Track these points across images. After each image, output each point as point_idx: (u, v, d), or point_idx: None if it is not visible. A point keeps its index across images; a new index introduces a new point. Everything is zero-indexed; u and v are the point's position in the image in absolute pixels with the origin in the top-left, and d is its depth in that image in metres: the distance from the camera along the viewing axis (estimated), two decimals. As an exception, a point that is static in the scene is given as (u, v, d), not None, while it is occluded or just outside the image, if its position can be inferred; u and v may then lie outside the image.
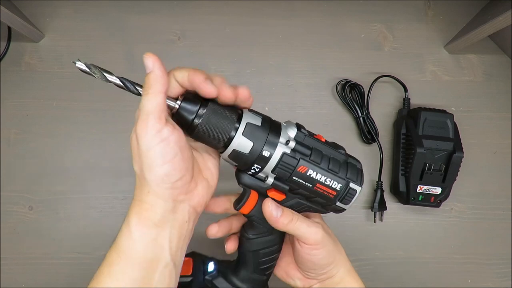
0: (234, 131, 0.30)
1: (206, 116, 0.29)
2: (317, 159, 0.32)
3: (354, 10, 0.66)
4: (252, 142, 0.30)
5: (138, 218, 0.29)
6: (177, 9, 0.64)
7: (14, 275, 0.55)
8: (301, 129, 0.33)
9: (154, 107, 0.29)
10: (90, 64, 0.29)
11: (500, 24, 0.54)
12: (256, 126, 0.31)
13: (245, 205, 0.35)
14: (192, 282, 0.38)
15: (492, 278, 0.58)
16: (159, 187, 0.29)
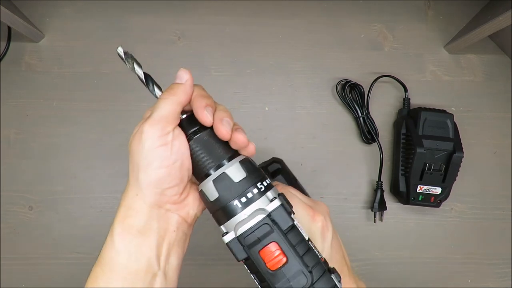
0: (214, 169, 0.29)
1: (194, 142, 0.29)
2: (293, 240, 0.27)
3: (354, 10, 0.66)
4: (218, 195, 0.28)
5: (122, 227, 0.28)
6: (177, 9, 0.64)
7: (14, 275, 0.55)
8: (289, 212, 0.28)
9: (169, 112, 0.28)
10: (129, 53, 0.30)
11: (500, 24, 0.54)
12: (231, 181, 0.28)
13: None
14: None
15: (492, 278, 0.58)
16: (148, 190, 0.28)
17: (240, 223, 0.27)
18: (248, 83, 0.62)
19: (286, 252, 0.26)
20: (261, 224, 0.27)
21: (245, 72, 0.63)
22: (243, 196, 0.28)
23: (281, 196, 0.29)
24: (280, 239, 0.27)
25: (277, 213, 0.27)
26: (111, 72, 0.62)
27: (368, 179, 0.60)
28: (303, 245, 0.28)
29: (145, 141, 0.27)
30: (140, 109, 0.61)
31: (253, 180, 0.28)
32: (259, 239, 0.27)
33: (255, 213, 0.27)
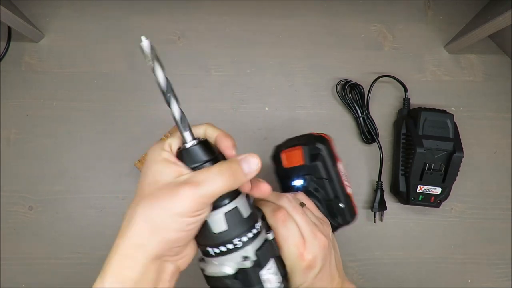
0: (223, 205, 0.28)
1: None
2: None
3: (354, 10, 0.66)
4: (227, 227, 0.28)
5: (116, 279, 0.26)
6: (177, 9, 0.64)
7: (14, 275, 0.55)
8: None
9: (220, 193, 0.27)
10: (154, 50, 0.26)
11: (500, 24, 0.54)
12: (240, 216, 0.28)
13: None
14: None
15: (492, 278, 0.58)
16: (159, 246, 0.26)
17: (210, 266, 0.30)
18: (248, 83, 0.62)
19: None
20: (223, 279, 0.29)
21: (245, 72, 0.63)
22: (220, 246, 0.28)
23: (260, 252, 0.29)
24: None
25: (241, 276, 0.29)
26: (111, 72, 0.62)
27: (368, 179, 0.60)
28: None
29: (179, 208, 0.25)
30: (140, 109, 0.61)
31: (235, 233, 0.28)
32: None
33: (228, 264, 0.29)
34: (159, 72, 0.27)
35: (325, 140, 0.41)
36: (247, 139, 0.60)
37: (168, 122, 0.59)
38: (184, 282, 0.58)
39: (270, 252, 0.31)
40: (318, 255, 0.34)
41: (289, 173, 0.42)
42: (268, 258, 0.30)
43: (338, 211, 0.40)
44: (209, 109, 0.61)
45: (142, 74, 0.62)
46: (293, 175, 0.42)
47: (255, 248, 0.29)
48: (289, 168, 0.42)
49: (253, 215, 0.30)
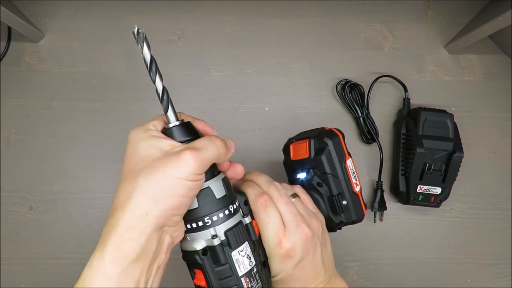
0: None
1: None
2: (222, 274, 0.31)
3: (354, 10, 0.66)
4: (198, 206, 0.30)
5: (118, 252, 0.25)
6: (177, 9, 0.64)
7: (14, 275, 0.55)
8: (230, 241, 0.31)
9: (217, 157, 0.29)
10: (141, 34, 0.30)
11: (500, 24, 0.54)
12: (212, 196, 0.30)
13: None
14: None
15: (492, 278, 0.58)
16: (163, 214, 0.27)
17: (184, 241, 0.31)
18: (248, 83, 0.62)
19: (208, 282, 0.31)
20: (193, 254, 0.30)
21: (245, 72, 0.63)
22: (192, 222, 0.30)
23: (230, 233, 0.31)
24: (205, 271, 0.30)
25: (210, 253, 0.30)
26: (111, 72, 0.62)
27: (368, 179, 0.60)
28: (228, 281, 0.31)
29: (184, 171, 0.26)
30: (140, 109, 0.61)
31: (204, 211, 0.30)
32: (192, 264, 0.31)
33: (198, 240, 0.30)
34: (145, 51, 0.30)
35: (334, 135, 0.41)
36: (247, 139, 0.60)
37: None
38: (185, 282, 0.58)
39: (243, 234, 0.31)
40: (298, 245, 0.34)
41: (295, 166, 0.42)
42: (241, 240, 0.31)
43: (341, 208, 0.39)
44: (209, 109, 0.61)
45: (142, 74, 0.62)
46: (298, 167, 0.42)
47: (226, 228, 0.30)
48: (295, 161, 0.42)
49: (227, 197, 0.31)
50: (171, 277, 0.56)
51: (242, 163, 0.62)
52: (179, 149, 0.28)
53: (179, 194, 0.27)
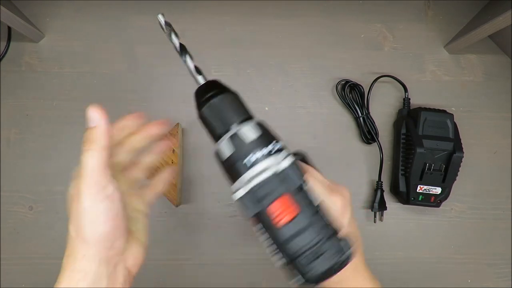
0: (226, 132, 0.30)
1: (211, 104, 0.30)
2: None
3: (354, 10, 0.66)
4: (231, 152, 0.29)
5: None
6: (177, 9, 0.64)
7: (14, 275, 0.55)
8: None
9: (99, 164, 0.27)
10: (168, 22, 0.33)
11: (500, 24, 0.54)
12: (243, 140, 0.29)
13: None
14: None
15: (492, 278, 0.58)
16: (98, 247, 0.27)
17: (251, 179, 0.28)
18: (248, 83, 0.62)
19: (294, 208, 0.27)
20: (271, 180, 0.27)
21: (245, 72, 0.63)
22: (253, 154, 0.28)
23: (294, 159, 0.29)
24: (288, 196, 0.27)
25: (287, 171, 0.28)
26: (111, 72, 0.62)
27: (368, 179, 0.60)
28: (311, 207, 0.28)
29: (84, 200, 0.26)
30: (140, 109, 0.61)
31: (265, 141, 0.29)
32: (268, 194, 0.27)
33: (266, 170, 0.28)
34: (174, 39, 0.34)
35: None
36: (247, 139, 0.60)
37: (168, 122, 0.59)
38: (185, 282, 0.58)
39: (296, 169, 0.29)
40: (347, 199, 0.33)
41: None
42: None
43: None
44: (209, 109, 0.61)
45: (142, 74, 0.62)
46: None
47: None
48: None
49: (262, 138, 0.29)
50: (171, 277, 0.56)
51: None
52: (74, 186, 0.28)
53: (101, 221, 0.27)
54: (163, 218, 0.57)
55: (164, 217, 0.57)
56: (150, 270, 0.54)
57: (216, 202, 0.58)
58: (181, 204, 0.58)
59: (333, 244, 0.28)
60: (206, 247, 0.57)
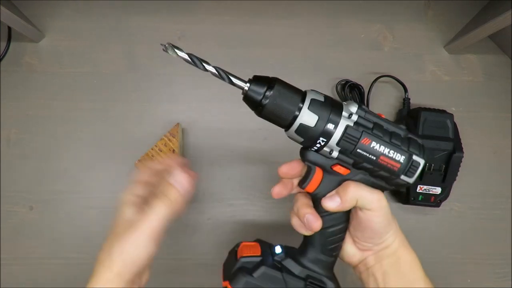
0: (298, 111, 0.32)
1: (272, 97, 0.32)
2: (379, 132, 0.33)
3: (354, 10, 0.66)
4: (317, 116, 0.32)
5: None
6: (177, 9, 0.64)
7: (14, 275, 0.55)
8: (362, 106, 0.34)
9: (167, 217, 0.34)
10: (168, 45, 0.34)
11: (500, 24, 0.54)
12: (320, 101, 0.32)
13: (311, 183, 0.35)
14: (262, 262, 0.38)
15: (492, 278, 0.58)
16: (131, 275, 0.33)
17: (334, 137, 0.32)
18: (248, 83, 0.62)
19: (377, 142, 0.33)
20: (350, 129, 0.32)
21: (245, 72, 0.62)
22: (334, 109, 0.32)
23: (360, 109, 0.33)
24: (368, 134, 0.32)
25: (361, 120, 0.33)
26: (111, 72, 0.62)
27: (368, 179, 0.60)
28: (387, 134, 0.33)
29: (143, 242, 0.33)
30: (140, 109, 0.61)
31: (329, 97, 0.34)
32: (356, 139, 0.32)
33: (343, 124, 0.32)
34: (184, 56, 0.35)
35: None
36: (247, 139, 0.60)
37: (168, 122, 0.59)
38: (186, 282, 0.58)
39: (366, 115, 0.34)
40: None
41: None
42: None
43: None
44: (209, 109, 0.61)
45: (142, 74, 0.62)
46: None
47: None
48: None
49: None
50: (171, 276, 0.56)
51: (242, 163, 0.62)
52: (135, 221, 0.34)
53: (145, 258, 0.33)
54: (163, 218, 0.57)
55: (164, 217, 0.57)
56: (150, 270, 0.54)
57: (216, 202, 0.58)
58: (181, 204, 0.58)
59: (416, 146, 0.34)
60: (206, 247, 0.57)
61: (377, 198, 0.35)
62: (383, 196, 0.35)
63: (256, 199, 0.58)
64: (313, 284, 0.37)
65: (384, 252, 0.38)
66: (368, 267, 0.39)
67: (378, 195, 0.35)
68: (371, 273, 0.39)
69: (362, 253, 0.40)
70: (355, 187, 0.34)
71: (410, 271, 0.38)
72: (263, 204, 0.58)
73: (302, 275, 0.38)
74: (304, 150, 0.35)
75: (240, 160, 0.60)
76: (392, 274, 0.37)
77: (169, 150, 0.54)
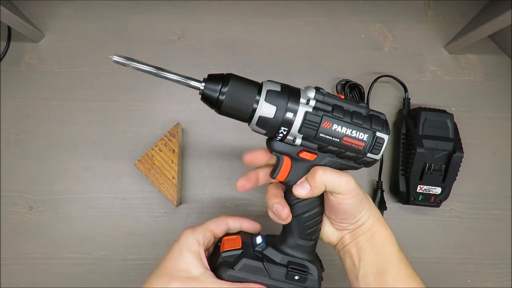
0: (256, 103, 0.32)
1: (228, 93, 0.32)
2: (339, 114, 0.33)
3: (354, 10, 0.66)
4: (275, 106, 0.32)
5: None
6: (177, 9, 0.64)
7: (14, 275, 0.55)
8: (319, 89, 0.34)
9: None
10: (125, 59, 0.34)
11: (500, 24, 0.54)
12: (276, 92, 0.32)
13: (280, 172, 0.36)
14: (243, 254, 0.39)
15: (492, 278, 0.58)
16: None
17: (295, 125, 0.33)
18: (248, 83, 0.62)
19: (338, 124, 0.34)
20: (309, 115, 0.33)
21: (245, 72, 0.63)
22: (291, 97, 0.33)
23: (317, 93, 0.34)
24: (328, 118, 0.33)
25: (319, 104, 0.34)
26: (111, 72, 0.62)
27: (368, 179, 0.60)
28: (348, 114, 0.34)
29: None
30: (140, 109, 0.61)
31: (286, 85, 0.34)
32: (316, 124, 0.33)
33: (301, 111, 0.33)
34: (142, 67, 0.34)
35: None
36: (247, 139, 0.60)
37: (168, 122, 0.59)
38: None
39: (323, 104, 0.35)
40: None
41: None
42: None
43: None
44: (209, 109, 0.61)
45: (142, 74, 0.62)
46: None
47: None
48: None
49: (283, 90, 0.33)
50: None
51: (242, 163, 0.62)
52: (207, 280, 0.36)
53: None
54: (163, 218, 0.57)
55: (164, 217, 0.57)
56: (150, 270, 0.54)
57: (216, 202, 0.58)
58: (181, 204, 0.58)
59: (378, 122, 0.36)
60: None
61: (345, 181, 0.35)
62: (351, 178, 0.36)
63: (256, 199, 0.58)
64: (295, 270, 0.38)
65: (359, 230, 0.39)
66: (345, 245, 0.40)
67: (346, 178, 0.36)
68: (347, 250, 0.40)
69: (339, 233, 0.41)
70: (322, 172, 0.35)
71: (384, 246, 0.39)
72: (263, 204, 0.58)
73: (283, 262, 0.38)
74: (269, 140, 0.35)
75: (240, 160, 0.60)
76: (367, 249, 0.38)
77: (169, 150, 0.54)
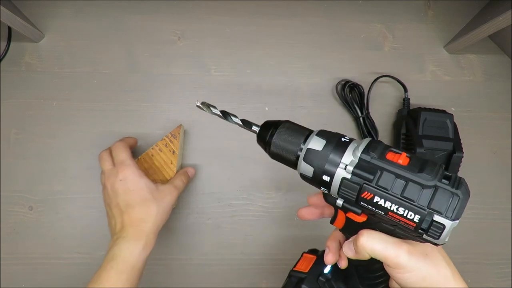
0: (296, 159, 0.32)
1: (274, 140, 0.33)
2: (386, 184, 0.27)
3: (354, 10, 0.66)
4: (313, 168, 0.30)
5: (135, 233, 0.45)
6: (177, 9, 0.64)
7: (14, 275, 0.55)
8: (369, 149, 0.29)
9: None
10: (205, 103, 0.37)
11: (500, 24, 0.54)
12: (316, 151, 0.30)
13: (336, 222, 0.34)
14: (304, 280, 0.39)
15: (492, 278, 0.58)
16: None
17: (333, 188, 0.30)
18: (248, 83, 0.62)
19: (381, 197, 0.28)
20: (346, 183, 0.29)
21: (245, 72, 0.63)
22: (331, 158, 0.30)
23: (364, 153, 0.29)
24: (369, 187, 0.28)
25: (361, 165, 0.29)
26: (111, 72, 0.62)
27: (368, 179, 0.60)
28: (399, 185, 0.27)
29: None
30: (140, 109, 0.61)
31: (334, 139, 0.31)
32: (354, 193, 0.29)
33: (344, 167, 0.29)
34: (216, 111, 0.37)
35: None
36: (248, 139, 0.60)
37: (168, 122, 0.59)
38: (186, 282, 0.58)
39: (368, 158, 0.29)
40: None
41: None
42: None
43: None
44: (209, 109, 0.61)
45: (142, 74, 0.62)
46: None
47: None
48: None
49: (329, 142, 0.31)
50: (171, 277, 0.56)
51: (242, 163, 0.62)
52: (166, 187, 0.49)
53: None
54: (163, 218, 0.57)
55: (164, 217, 0.57)
56: (150, 270, 0.54)
57: (216, 202, 0.58)
58: (181, 204, 0.58)
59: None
60: (206, 247, 0.57)
61: (393, 255, 0.29)
62: (402, 252, 0.29)
63: (256, 199, 0.58)
64: None
65: None
66: None
67: (394, 251, 0.29)
68: None
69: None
70: (367, 238, 0.30)
71: None
72: (263, 204, 0.58)
73: None
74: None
75: (240, 160, 0.60)
76: None
77: (169, 150, 0.54)
